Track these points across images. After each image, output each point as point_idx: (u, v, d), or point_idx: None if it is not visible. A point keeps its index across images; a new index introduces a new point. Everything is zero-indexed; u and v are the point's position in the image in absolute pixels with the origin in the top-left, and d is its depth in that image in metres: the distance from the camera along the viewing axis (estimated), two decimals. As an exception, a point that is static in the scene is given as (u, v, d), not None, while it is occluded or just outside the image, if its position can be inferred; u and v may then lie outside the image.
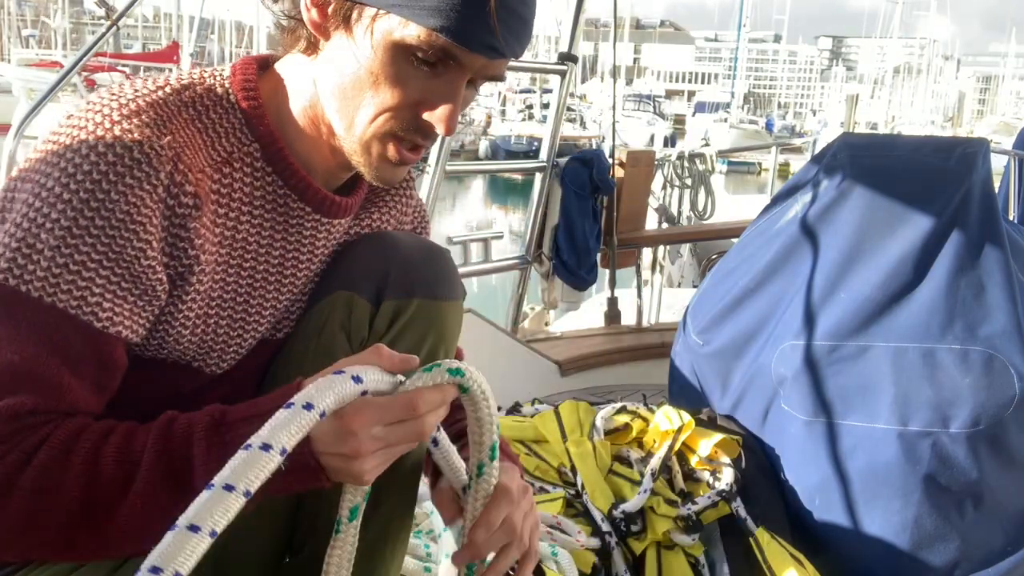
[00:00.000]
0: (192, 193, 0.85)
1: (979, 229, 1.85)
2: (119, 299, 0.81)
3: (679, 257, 5.97)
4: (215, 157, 0.89)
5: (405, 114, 0.86)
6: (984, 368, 1.71)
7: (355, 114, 0.87)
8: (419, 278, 0.99)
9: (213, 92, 0.91)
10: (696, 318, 2.20)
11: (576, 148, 4.50)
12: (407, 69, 0.84)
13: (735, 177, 27.31)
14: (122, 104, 0.83)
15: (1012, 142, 4.68)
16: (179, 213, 0.84)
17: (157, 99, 0.85)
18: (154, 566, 0.62)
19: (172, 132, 0.84)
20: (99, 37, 2.67)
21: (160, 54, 25.31)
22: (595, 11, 32.77)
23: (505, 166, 9.09)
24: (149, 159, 0.81)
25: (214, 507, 0.65)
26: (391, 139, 0.88)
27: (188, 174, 0.84)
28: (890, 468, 1.69)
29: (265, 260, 0.95)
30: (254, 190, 0.92)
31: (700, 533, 1.66)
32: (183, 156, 0.84)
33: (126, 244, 0.80)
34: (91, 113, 0.82)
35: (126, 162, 0.80)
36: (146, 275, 0.82)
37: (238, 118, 0.91)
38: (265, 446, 0.68)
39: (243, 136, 0.91)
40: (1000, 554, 1.69)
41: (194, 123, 0.87)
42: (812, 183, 2.08)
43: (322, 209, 0.97)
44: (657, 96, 56.29)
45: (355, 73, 0.85)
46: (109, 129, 0.80)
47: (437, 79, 0.85)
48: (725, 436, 1.82)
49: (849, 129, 10.71)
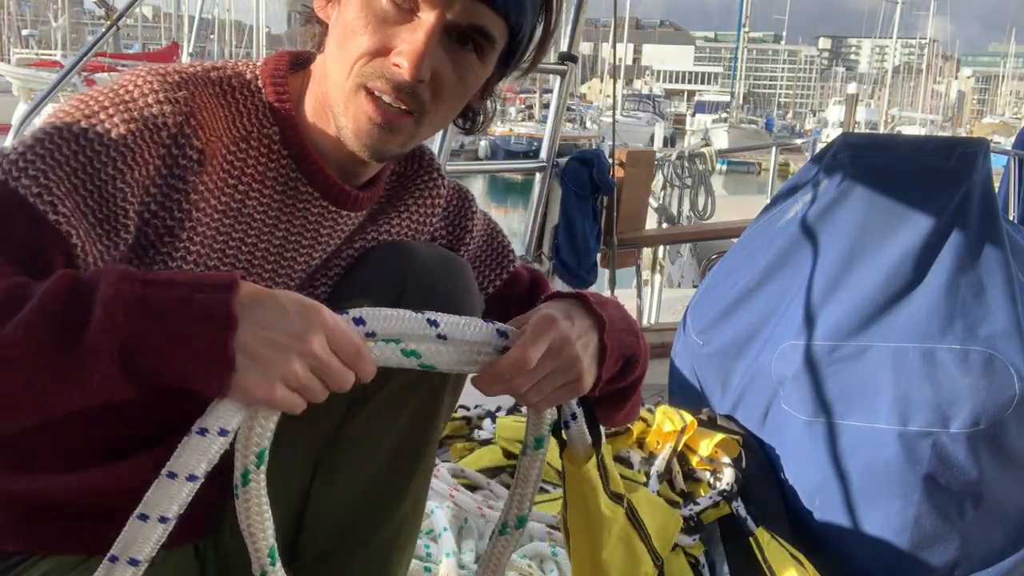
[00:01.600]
0: (199, 149, 0.86)
1: (979, 229, 1.85)
2: (80, 211, 0.81)
3: (679, 257, 5.97)
4: (234, 132, 0.91)
5: (376, 59, 0.85)
6: (984, 368, 1.71)
7: (337, 74, 0.88)
8: (437, 292, 0.97)
9: (242, 76, 0.93)
10: (696, 318, 2.21)
11: (576, 148, 4.50)
12: (377, 14, 0.85)
13: (735, 177, 27.29)
14: (154, 68, 0.88)
15: (1012, 142, 4.68)
16: (181, 164, 0.85)
17: (188, 70, 0.90)
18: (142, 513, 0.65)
19: (194, 95, 0.87)
20: (99, 37, 2.67)
21: (160, 54, 25.28)
22: (595, 11, 32.78)
23: (505, 166, 9.12)
24: (161, 106, 0.84)
25: None
26: (366, 94, 0.86)
27: (199, 131, 0.86)
28: (890, 468, 1.69)
29: (267, 239, 0.95)
30: (267, 170, 0.93)
31: (701, 533, 1.66)
32: (197, 115, 0.86)
33: (108, 163, 0.81)
34: (127, 74, 0.87)
35: (139, 104, 0.84)
36: (115, 199, 0.82)
37: (262, 102, 0.93)
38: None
39: (264, 120, 0.93)
40: (1000, 554, 1.69)
41: (219, 99, 0.90)
42: (812, 183, 2.08)
43: (330, 196, 0.97)
44: (657, 96, 56.34)
45: (337, 37, 0.87)
46: (133, 80, 0.86)
47: (408, 23, 0.84)
48: (725, 436, 1.82)
49: (848, 129, 10.74)
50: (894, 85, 78.73)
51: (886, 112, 53.51)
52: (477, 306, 1.02)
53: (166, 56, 23.15)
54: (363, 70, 0.86)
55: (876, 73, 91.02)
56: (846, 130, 9.47)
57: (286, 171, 0.94)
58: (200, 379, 0.71)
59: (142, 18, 63.21)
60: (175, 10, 33.81)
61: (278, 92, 0.94)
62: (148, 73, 0.87)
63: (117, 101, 0.83)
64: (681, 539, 1.65)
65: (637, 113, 40.22)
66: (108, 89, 0.85)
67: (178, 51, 22.56)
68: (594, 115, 33.46)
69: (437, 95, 0.88)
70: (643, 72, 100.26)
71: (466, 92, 0.92)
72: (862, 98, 49.87)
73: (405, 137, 0.90)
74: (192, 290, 0.71)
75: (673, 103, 68.54)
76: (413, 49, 0.83)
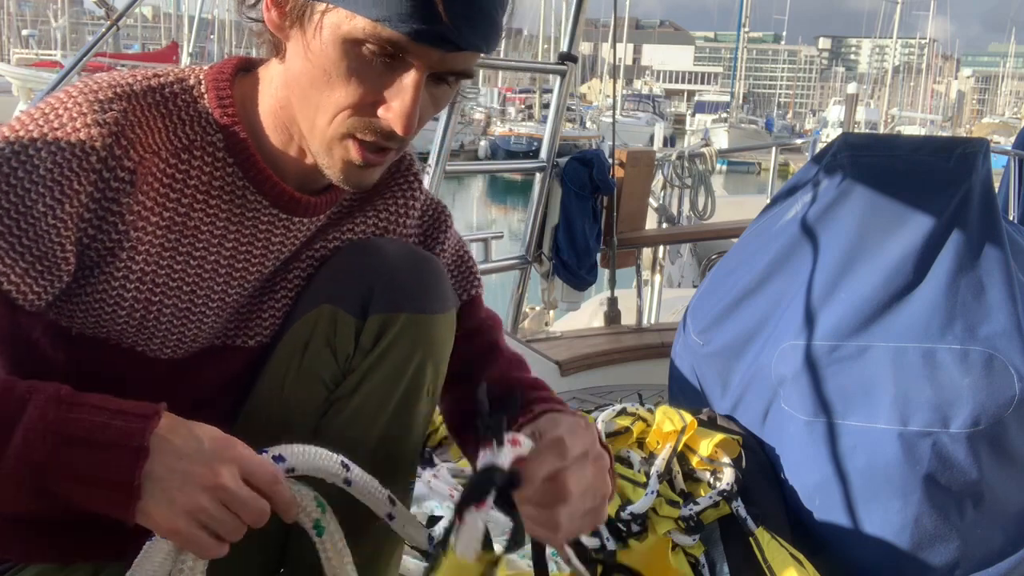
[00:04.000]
0: (130, 169, 0.83)
1: (979, 229, 1.85)
2: (15, 254, 0.79)
3: (679, 257, 5.96)
4: (175, 143, 0.88)
5: (362, 113, 0.83)
6: (984, 368, 1.71)
7: (315, 115, 0.85)
8: (405, 291, 0.95)
9: (184, 83, 0.91)
10: (696, 318, 2.21)
11: (576, 148, 4.50)
12: (360, 65, 0.81)
13: (735, 177, 27.29)
14: (86, 85, 0.85)
15: (1012, 142, 4.68)
16: (112, 187, 0.83)
17: (121, 83, 0.86)
18: None
19: (126, 111, 0.84)
20: (99, 37, 2.67)
21: (159, 54, 25.29)
22: (595, 11, 32.76)
23: (505, 166, 9.11)
24: (88, 129, 0.81)
25: None
26: (351, 140, 0.85)
27: (130, 150, 0.84)
28: (890, 468, 1.69)
29: (216, 250, 0.92)
30: (212, 179, 0.90)
31: (701, 533, 1.66)
32: (128, 132, 0.84)
33: (38, 200, 0.79)
34: (58, 93, 0.85)
35: (67, 130, 0.81)
36: (49, 236, 0.80)
37: (204, 108, 0.90)
38: None
39: (207, 126, 0.90)
40: (1000, 554, 1.69)
41: (157, 108, 0.88)
42: (812, 183, 2.08)
43: (280, 204, 0.94)
44: (657, 96, 56.32)
45: (311, 73, 0.83)
46: (63, 102, 0.83)
47: (392, 75, 0.81)
48: (725, 436, 1.82)
49: (848, 129, 10.73)
50: (894, 85, 78.76)
51: (886, 112, 53.51)
52: (448, 305, 0.99)
53: (166, 56, 23.15)
54: (349, 122, 0.83)
55: (876, 73, 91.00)
56: (846, 130, 9.45)
57: (232, 179, 0.91)
58: (108, 504, 0.71)
59: (142, 18, 63.18)
60: (175, 10, 33.82)
61: (220, 98, 0.90)
62: (79, 93, 0.84)
63: (46, 131, 0.81)
64: (682, 539, 1.65)
65: (637, 113, 40.21)
66: (39, 113, 0.82)
67: (178, 51, 22.56)
68: (594, 115, 33.46)
69: (417, 127, 0.86)
70: (643, 72, 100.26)
71: (439, 111, 0.90)
72: (862, 98, 49.83)
73: (384, 166, 0.90)
74: (112, 416, 0.72)
75: (673, 103, 68.51)
76: (403, 111, 0.81)
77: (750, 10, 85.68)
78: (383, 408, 0.96)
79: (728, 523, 1.69)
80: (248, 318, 0.99)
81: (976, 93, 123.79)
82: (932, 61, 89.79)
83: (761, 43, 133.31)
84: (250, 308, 0.98)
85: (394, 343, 0.95)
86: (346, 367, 0.96)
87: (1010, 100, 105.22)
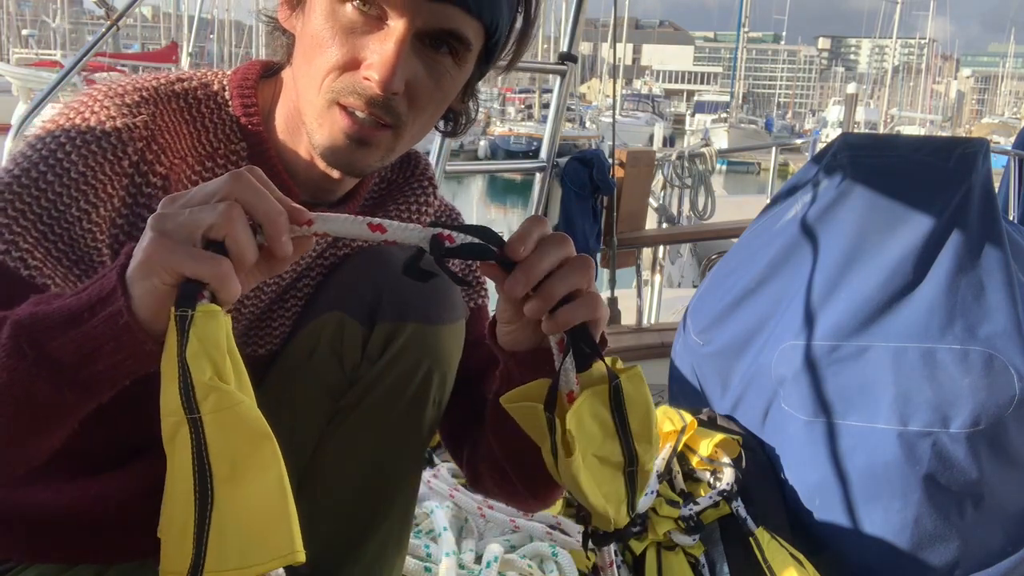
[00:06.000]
0: (162, 175, 0.83)
1: (979, 229, 1.85)
2: (52, 257, 0.79)
3: (679, 257, 5.97)
4: (199, 150, 0.88)
5: (347, 70, 0.81)
6: (984, 368, 1.71)
7: (308, 90, 0.83)
8: (412, 301, 0.93)
9: (209, 88, 0.90)
10: (696, 318, 2.21)
11: (576, 148, 4.49)
12: (345, 24, 0.80)
13: (735, 177, 27.29)
14: (111, 88, 0.84)
15: (1012, 142, 4.68)
16: (145, 192, 0.83)
17: (147, 86, 0.86)
18: None
19: (155, 116, 0.83)
20: (99, 37, 2.67)
21: (159, 54, 25.31)
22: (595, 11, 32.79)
23: (505, 166, 9.10)
24: (119, 133, 0.81)
25: None
26: (338, 108, 0.82)
27: (161, 156, 0.83)
28: (890, 468, 1.69)
29: None
30: None
31: (701, 533, 1.66)
32: (159, 138, 0.83)
33: (72, 204, 0.79)
34: (83, 96, 0.84)
35: (96, 133, 0.80)
36: (84, 240, 0.80)
37: (229, 115, 0.90)
38: None
39: (231, 135, 0.90)
40: (1000, 554, 1.69)
41: (182, 113, 0.87)
42: (812, 183, 2.08)
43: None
44: (657, 96, 56.35)
45: (306, 49, 0.83)
46: (90, 106, 0.82)
47: (377, 33, 0.80)
48: (725, 436, 1.82)
49: (848, 129, 10.73)
50: (894, 85, 78.74)
51: (886, 112, 53.51)
52: (457, 315, 0.97)
53: (166, 56, 23.17)
54: (333, 85, 0.82)
55: (876, 73, 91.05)
56: (846, 130, 9.45)
57: None
58: (109, 328, 0.65)
59: (142, 18, 63.23)
60: (175, 10, 33.82)
61: (246, 105, 0.90)
62: (105, 96, 0.83)
63: (74, 135, 0.80)
64: (682, 539, 1.65)
65: (636, 113, 40.20)
66: (64, 117, 0.81)
67: (177, 51, 22.57)
68: (593, 115, 33.45)
69: (414, 105, 0.83)
70: (643, 72, 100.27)
71: (444, 97, 0.87)
72: (862, 98, 49.87)
73: (384, 151, 0.86)
74: (79, 292, 0.68)
75: (673, 103, 68.50)
76: (383, 61, 0.79)
77: (750, 10, 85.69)
78: (389, 417, 0.95)
79: (728, 523, 1.70)
80: (260, 327, 0.98)
81: (976, 93, 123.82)
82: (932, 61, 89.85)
83: (761, 43, 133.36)
84: (262, 318, 0.98)
85: (401, 352, 0.93)
86: (352, 376, 0.95)
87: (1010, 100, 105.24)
